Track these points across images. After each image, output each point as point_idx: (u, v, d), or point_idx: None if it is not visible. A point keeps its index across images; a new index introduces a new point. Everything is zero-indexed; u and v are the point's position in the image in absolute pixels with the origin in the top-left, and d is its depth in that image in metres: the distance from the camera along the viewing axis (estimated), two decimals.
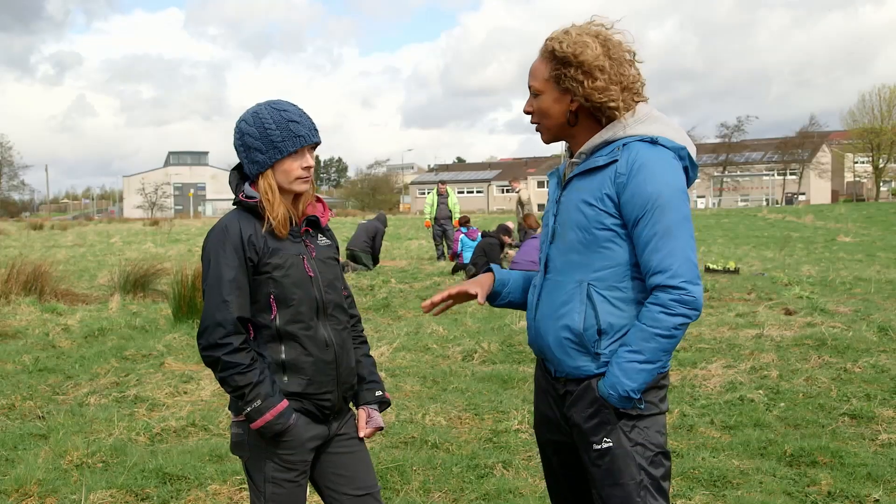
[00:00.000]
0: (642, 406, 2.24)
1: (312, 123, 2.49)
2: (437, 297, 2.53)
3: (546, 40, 2.33)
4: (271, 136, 2.42)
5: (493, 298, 2.58)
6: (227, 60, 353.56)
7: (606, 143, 2.30)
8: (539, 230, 14.58)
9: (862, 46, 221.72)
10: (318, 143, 2.50)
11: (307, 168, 2.47)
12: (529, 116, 2.42)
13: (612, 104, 2.27)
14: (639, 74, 2.33)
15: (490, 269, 2.60)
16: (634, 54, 2.34)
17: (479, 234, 14.82)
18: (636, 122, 2.30)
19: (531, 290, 2.48)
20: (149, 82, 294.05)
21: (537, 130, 2.43)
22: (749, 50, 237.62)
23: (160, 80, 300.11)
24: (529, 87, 2.38)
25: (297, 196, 2.52)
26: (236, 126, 2.49)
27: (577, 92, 2.27)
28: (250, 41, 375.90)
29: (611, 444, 2.25)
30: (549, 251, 2.39)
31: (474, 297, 2.50)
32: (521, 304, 2.58)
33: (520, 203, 17.18)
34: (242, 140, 2.46)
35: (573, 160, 2.37)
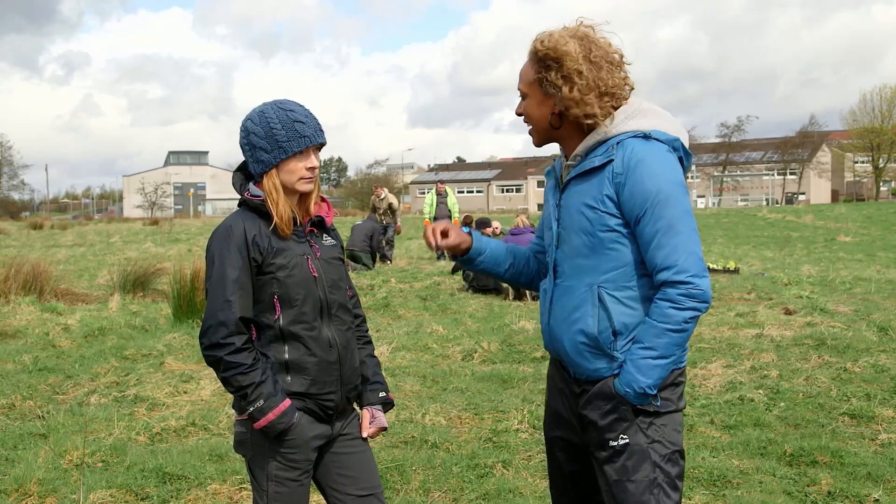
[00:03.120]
0: (658, 403, 2.24)
1: (318, 124, 2.49)
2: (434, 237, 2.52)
3: (532, 41, 2.33)
4: (276, 136, 2.42)
5: (468, 262, 2.60)
6: (235, 60, 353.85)
7: (600, 143, 2.30)
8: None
9: (871, 45, 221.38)
10: (323, 144, 2.51)
11: (312, 169, 2.47)
12: (522, 118, 2.42)
13: (588, 119, 2.27)
14: (625, 78, 2.31)
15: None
16: (622, 56, 2.32)
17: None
18: (627, 118, 2.29)
19: (542, 293, 2.48)
20: (156, 82, 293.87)
21: (530, 133, 2.43)
22: (758, 49, 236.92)
23: (168, 80, 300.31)
24: (518, 90, 2.39)
25: (302, 196, 2.52)
26: (242, 125, 2.50)
27: (557, 98, 2.27)
28: (258, 41, 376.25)
29: (627, 440, 2.24)
30: (556, 256, 2.39)
31: (457, 236, 2.53)
32: (495, 273, 2.64)
33: (389, 208, 16.93)
34: (248, 139, 2.46)
35: (569, 163, 2.37)
